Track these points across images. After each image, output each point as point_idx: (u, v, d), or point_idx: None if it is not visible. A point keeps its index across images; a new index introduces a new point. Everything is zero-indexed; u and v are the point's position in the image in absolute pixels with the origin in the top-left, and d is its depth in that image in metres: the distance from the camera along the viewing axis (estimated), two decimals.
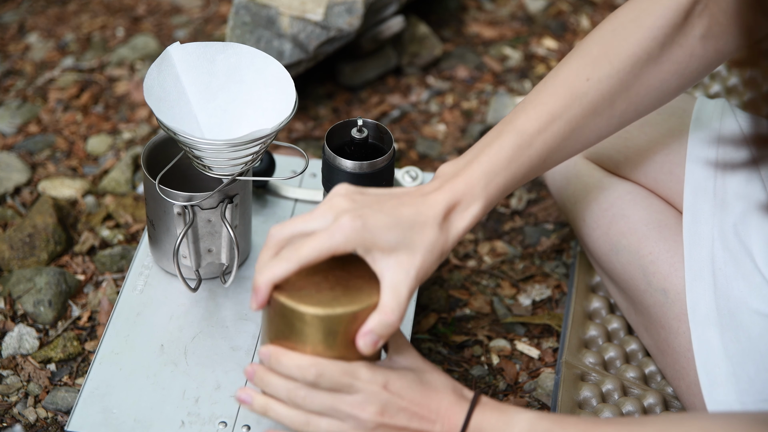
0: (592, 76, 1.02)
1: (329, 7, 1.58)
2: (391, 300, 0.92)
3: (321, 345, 0.93)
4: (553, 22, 1.86)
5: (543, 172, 1.05)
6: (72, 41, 1.79)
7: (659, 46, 1.03)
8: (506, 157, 1.00)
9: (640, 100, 1.05)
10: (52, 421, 1.21)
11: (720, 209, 1.11)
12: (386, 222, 0.93)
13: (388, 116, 1.66)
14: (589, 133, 1.04)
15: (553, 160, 1.04)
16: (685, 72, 1.05)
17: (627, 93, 1.04)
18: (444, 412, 0.93)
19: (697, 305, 1.09)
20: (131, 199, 1.49)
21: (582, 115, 1.03)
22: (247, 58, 1.13)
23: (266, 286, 0.93)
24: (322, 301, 0.93)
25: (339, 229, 0.91)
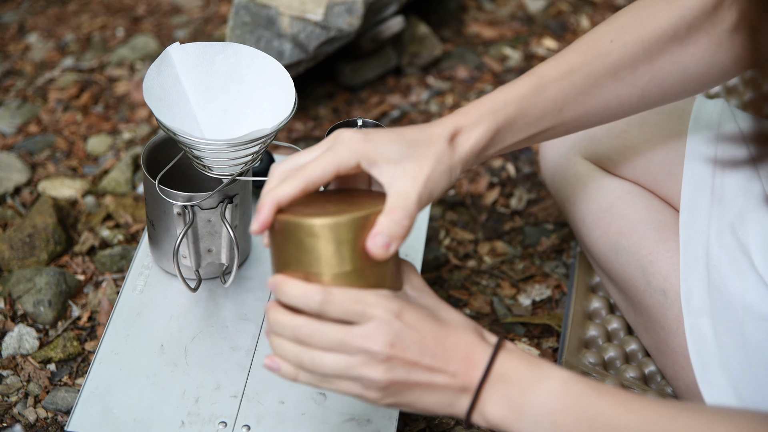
0: (617, 39, 1.02)
1: (329, 7, 1.58)
2: (398, 201, 0.88)
3: (332, 261, 0.88)
4: (553, 22, 1.86)
5: (561, 126, 1.03)
6: (72, 41, 1.79)
7: (686, 27, 1.02)
8: (519, 93, 0.98)
9: (664, 77, 1.04)
10: (52, 421, 1.21)
11: (718, 207, 1.11)
12: (390, 137, 0.91)
13: (388, 116, 1.66)
14: (609, 96, 1.03)
15: (570, 114, 1.02)
16: (712, 61, 1.04)
17: (650, 64, 1.03)
18: (462, 352, 0.85)
19: (691, 296, 1.09)
20: (131, 199, 1.49)
21: (602, 73, 1.02)
22: (246, 59, 1.13)
23: (270, 205, 0.88)
24: (328, 212, 0.88)
25: (341, 144, 0.89)
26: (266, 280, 1.23)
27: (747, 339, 1.05)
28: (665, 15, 1.03)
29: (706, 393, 1.05)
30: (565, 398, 0.83)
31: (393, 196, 0.88)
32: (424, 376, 0.85)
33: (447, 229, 1.47)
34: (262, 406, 1.11)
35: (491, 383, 0.84)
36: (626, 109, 1.06)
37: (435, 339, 0.85)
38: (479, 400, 0.85)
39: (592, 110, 1.03)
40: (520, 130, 0.99)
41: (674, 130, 1.19)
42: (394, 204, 0.88)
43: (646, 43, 1.02)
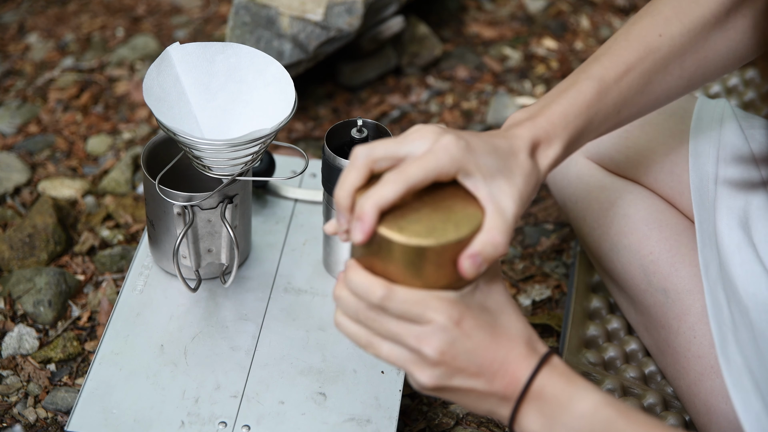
0: (665, 33, 1.02)
1: (329, 7, 1.58)
2: (498, 221, 0.86)
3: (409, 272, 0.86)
4: (553, 22, 1.86)
5: (615, 127, 1.02)
6: (72, 41, 1.79)
7: (726, 11, 1.02)
8: (585, 101, 0.97)
9: (708, 64, 1.04)
10: (52, 421, 1.21)
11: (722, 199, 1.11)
12: (485, 147, 0.88)
13: (388, 116, 1.66)
14: (660, 91, 1.03)
15: (626, 114, 1.02)
16: (748, 42, 1.04)
17: (696, 54, 1.03)
18: (510, 364, 0.86)
19: (708, 266, 1.09)
20: (131, 199, 1.49)
21: (654, 69, 1.01)
22: (246, 59, 1.13)
23: (373, 210, 0.84)
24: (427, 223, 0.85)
25: (444, 149, 0.85)
26: (266, 280, 1.23)
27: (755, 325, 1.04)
28: (705, 1, 1.03)
29: (726, 370, 1.03)
30: (594, 422, 0.84)
31: (493, 215, 0.86)
32: (467, 382, 0.86)
33: None
34: (262, 406, 1.11)
35: (528, 400, 0.85)
36: (671, 99, 1.05)
37: (486, 349, 0.86)
38: (518, 413, 0.86)
39: (645, 107, 1.03)
40: (585, 138, 0.98)
41: (676, 130, 1.19)
42: (494, 224, 0.86)
43: (692, 33, 1.02)
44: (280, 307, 1.21)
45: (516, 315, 0.88)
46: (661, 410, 1.18)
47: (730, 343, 1.05)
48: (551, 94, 0.97)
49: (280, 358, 1.15)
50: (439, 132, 0.87)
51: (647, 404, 1.19)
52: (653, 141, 1.20)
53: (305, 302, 1.21)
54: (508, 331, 0.87)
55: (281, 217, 1.32)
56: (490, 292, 0.89)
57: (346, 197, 0.86)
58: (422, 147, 0.86)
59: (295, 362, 1.15)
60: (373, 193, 0.84)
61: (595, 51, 1.03)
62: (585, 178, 1.25)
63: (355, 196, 0.86)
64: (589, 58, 1.02)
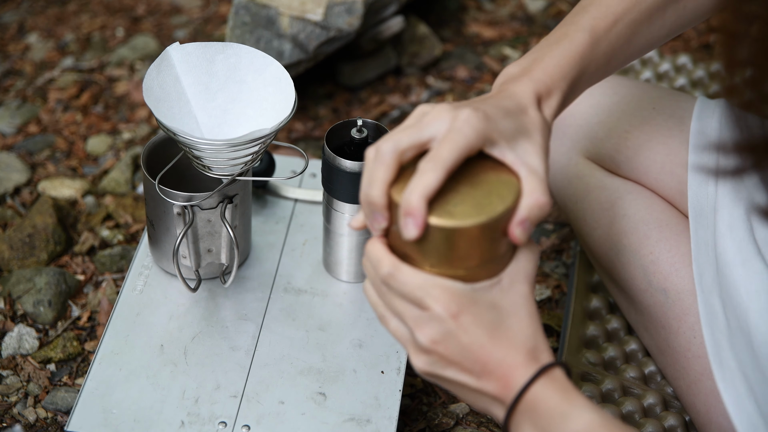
0: None
1: (329, 7, 1.58)
2: (535, 182, 0.85)
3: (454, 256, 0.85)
4: (553, 22, 1.86)
5: (604, 76, 1.02)
6: (72, 41, 1.79)
7: None
8: (578, 52, 0.97)
9: (687, 13, 1.05)
10: (52, 421, 1.21)
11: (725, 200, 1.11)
12: (498, 112, 0.87)
13: (388, 116, 1.66)
14: (643, 41, 1.03)
15: (614, 64, 1.02)
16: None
17: (676, 4, 1.04)
18: (505, 368, 0.85)
19: (702, 274, 1.09)
20: (131, 199, 1.49)
21: (640, 20, 1.02)
22: (246, 59, 1.13)
23: (422, 203, 0.83)
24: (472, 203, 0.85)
25: (466, 123, 0.84)
26: (266, 280, 1.23)
27: (752, 332, 1.04)
28: None
29: (719, 375, 1.04)
30: None
31: (528, 177, 0.86)
32: (460, 376, 0.86)
33: None
34: (262, 406, 1.11)
35: (522, 409, 0.84)
36: (653, 47, 1.06)
37: (482, 348, 0.85)
38: (511, 419, 0.85)
39: (630, 57, 1.03)
40: (579, 89, 0.98)
41: (675, 130, 1.19)
42: (533, 186, 0.86)
43: None
44: (280, 307, 1.21)
45: (528, 320, 0.86)
46: (661, 410, 1.18)
47: (724, 348, 1.05)
48: (542, 46, 0.97)
49: (280, 358, 1.15)
50: (452, 108, 0.86)
51: (647, 404, 1.19)
52: (653, 141, 1.20)
53: (305, 302, 1.21)
54: (512, 335, 0.86)
55: (281, 217, 1.32)
56: (510, 291, 0.87)
57: (381, 195, 0.86)
58: (443, 127, 0.85)
59: (295, 362, 1.15)
60: (417, 185, 0.83)
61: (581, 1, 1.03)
62: (585, 178, 1.25)
63: (389, 192, 0.86)
64: (575, 8, 1.01)
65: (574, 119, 1.27)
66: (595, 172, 1.25)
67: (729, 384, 1.04)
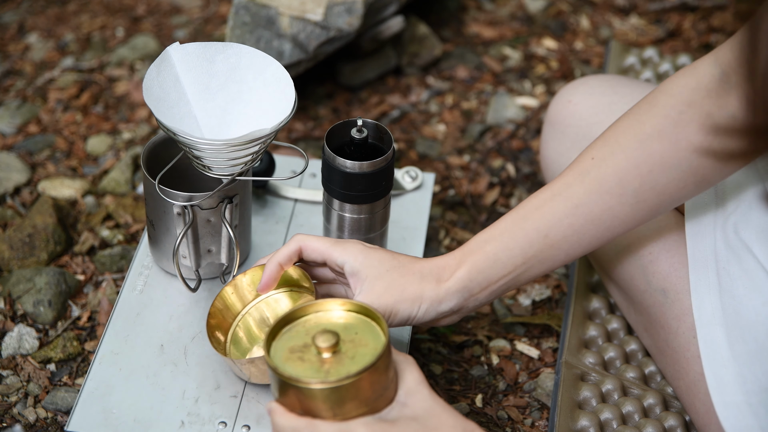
0: (597, 155, 1.04)
1: (329, 7, 1.58)
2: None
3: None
4: (553, 22, 1.86)
5: (558, 254, 1.06)
6: (72, 41, 1.79)
7: (672, 123, 1.02)
8: (500, 228, 1.05)
9: (655, 179, 1.03)
10: (52, 421, 1.21)
11: (721, 209, 1.11)
12: (381, 256, 1.03)
13: (387, 116, 1.66)
14: (600, 213, 1.04)
15: (563, 240, 1.05)
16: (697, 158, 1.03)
17: (637, 169, 1.03)
18: None
19: (702, 305, 1.09)
20: (131, 199, 1.49)
21: (585, 192, 1.04)
22: (246, 59, 1.13)
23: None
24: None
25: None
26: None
27: (761, 344, 1.04)
28: (647, 117, 1.03)
29: (722, 414, 1.05)
30: None
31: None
32: None
33: (447, 229, 1.47)
34: (262, 406, 1.11)
35: None
36: (627, 222, 1.06)
37: None
38: None
39: (586, 231, 1.05)
40: (509, 261, 1.05)
41: None
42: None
43: (628, 150, 1.03)
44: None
45: (446, 413, 0.93)
46: (661, 410, 1.18)
47: (728, 388, 1.05)
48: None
49: None
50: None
51: (647, 404, 1.19)
52: None
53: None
54: (440, 431, 0.91)
55: (281, 217, 1.32)
56: (415, 401, 0.93)
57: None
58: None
59: None
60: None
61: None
62: None
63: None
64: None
65: (573, 119, 1.27)
66: None
67: (734, 423, 1.04)
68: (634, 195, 1.04)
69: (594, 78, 1.32)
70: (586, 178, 1.04)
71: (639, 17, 1.88)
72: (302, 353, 0.94)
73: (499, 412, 1.23)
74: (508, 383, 1.27)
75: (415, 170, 1.38)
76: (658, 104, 1.03)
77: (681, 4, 1.89)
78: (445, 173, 1.56)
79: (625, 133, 1.04)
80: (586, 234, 1.05)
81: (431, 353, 1.30)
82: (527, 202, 1.06)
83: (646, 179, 1.03)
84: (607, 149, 1.04)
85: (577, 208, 1.04)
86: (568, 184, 1.04)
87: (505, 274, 1.06)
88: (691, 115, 1.01)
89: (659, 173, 1.03)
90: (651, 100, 1.04)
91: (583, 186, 1.04)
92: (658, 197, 1.05)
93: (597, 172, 1.04)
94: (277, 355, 0.94)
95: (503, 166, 1.58)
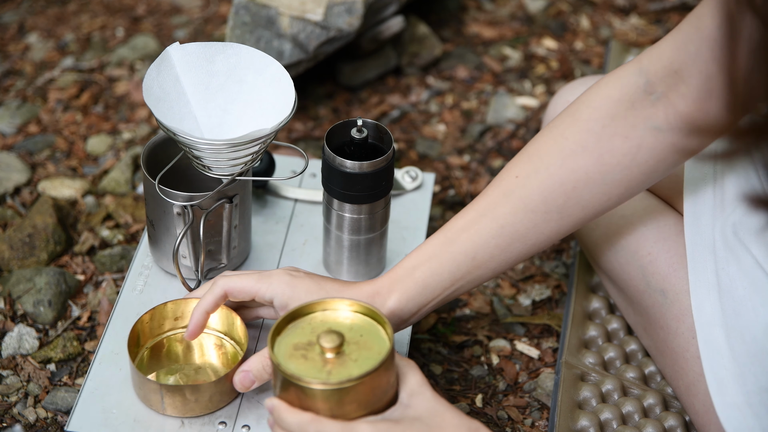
0: (521, 173, 1.04)
1: (329, 7, 1.58)
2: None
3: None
4: (553, 22, 1.86)
5: (486, 274, 1.06)
6: (72, 41, 1.79)
7: (595, 138, 1.01)
8: (427, 253, 1.05)
9: (580, 194, 1.03)
10: (52, 421, 1.21)
11: (720, 209, 1.11)
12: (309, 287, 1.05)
13: (387, 116, 1.66)
14: (525, 231, 1.05)
15: (489, 260, 1.05)
16: (632, 164, 1.02)
17: (561, 187, 1.03)
18: None
19: (701, 306, 1.08)
20: (131, 199, 1.49)
21: (511, 211, 1.04)
22: (246, 58, 1.13)
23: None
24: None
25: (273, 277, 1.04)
26: None
27: (760, 344, 1.04)
28: (569, 132, 1.02)
29: (723, 415, 1.05)
30: None
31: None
32: None
33: None
34: (262, 406, 1.11)
35: None
36: (551, 236, 1.06)
37: None
38: None
39: (512, 249, 1.06)
40: (438, 285, 1.05)
41: None
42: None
43: (552, 168, 1.03)
44: None
45: (449, 412, 0.93)
46: (661, 410, 1.18)
47: (729, 390, 1.04)
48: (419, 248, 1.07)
49: None
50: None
51: (647, 404, 1.19)
52: None
53: None
54: (444, 429, 0.92)
55: (281, 217, 1.32)
56: (418, 402, 0.94)
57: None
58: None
59: None
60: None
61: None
62: None
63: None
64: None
65: None
66: None
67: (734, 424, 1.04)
68: (559, 212, 1.04)
69: (594, 78, 1.32)
70: (510, 198, 1.04)
71: (639, 17, 1.88)
72: (306, 351, 0.95)
73: (499, 412, 1.23)
74: (508, 383, 1.27)
75: (415, 170, 1.38)
76: (581, 118, 1.02)
77: (681, 4, 1.89)
78: (445, 173, 1.56)
79: (548, 148, 1.03)
80: (513, 252, 1.06)
81: (431, 353, 1.30)
82: (453, 223, 1.06)
83: (571, 195, 1.03)
84: (530, 167, 1.03)
85: (503, 228, 1.04)
86: (493, 204, 1.04)
87: (434, 298, 1.07)
88: (615, 129, 1.01)
89: (583, 189, 1.03)
90: (573, 113, 1.03)
91: (508, 206, 1.04)
92: (583, 211, 1.05)
93: (521, 192, 1.03)
94: (281, 351, 0.95)
95: (503, 166, 1.58)
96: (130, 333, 1.10)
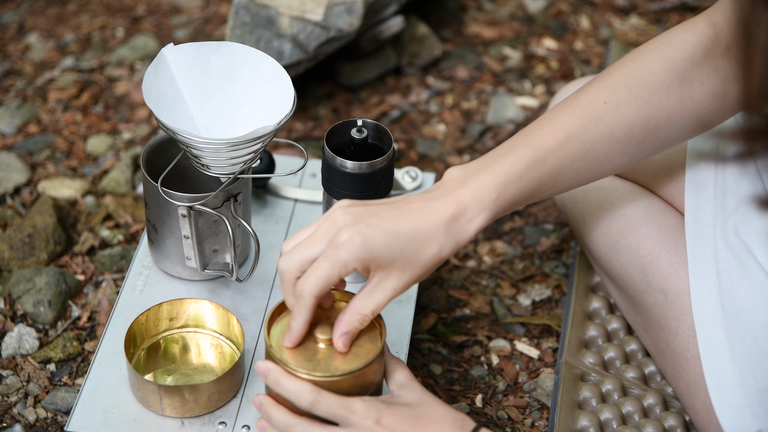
0: (610, 100, 1.02)
1: (329, 7, 1.58)
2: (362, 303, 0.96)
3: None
4: (553, 22, 1.86)
5: (553, 192, 1.04)
6: (72, 41, 1.79)
7: (679, 79, 1.02)
8: (519, 170, 0.99)
9: (658, 133, 1.04)
10: (52, 421, 1.21)
11: (721, 209, 1.11)
12: (385, 239, 0.94)
13: (387, 116, 1.66)
14: (603, 159, 1.04)
15: (564, 181, 1.03)
16: (706, 111, 1.04)
17: (645, 123, 1.03)
18: None
19: (702, 306, 1.09)
20: (131, 199, 1.49)
21: (598, 137, 1.02)
22: (240, 57, 1.13)
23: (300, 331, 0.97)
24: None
25: (336, 252, 0.93)
26: (266, 280, 1.23)
27: (760, 345, 1.04)
28: (656, 68, 1.02)
29: (722, 416, 1.05)
30: None
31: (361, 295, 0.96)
32: None
33: None
34: None
35: None
36: (620, 167, 1.06)
37: None
38: None
39: (587, 174, 1.04)
40: (515, 204, 1.01)
41: None
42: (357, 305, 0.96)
43: (639, 101, 1.02)
44: None
45: (437, 404, 0.96)
46: (661, 410, 1.18)
47: (729, 391, 1.05)
48: (490, 157, 1.00)
49: None
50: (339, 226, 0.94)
51: (647, 404, 1.19)
52: None
53: None
54: (434, 418, 0.94)
55: (281, 217, 1.32)
56: (407, 392, 0.97)
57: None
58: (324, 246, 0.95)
59: None
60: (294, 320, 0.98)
61: (545, 112, 1.04)
62: None
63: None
64: (535, 121, 1.03)
65: None
66: None
67: (734, 426, 1.04)
68: (636, 146, 1.04)
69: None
70: (600, 124, 1.02)
71: (639, 17, 1.88)
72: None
73: (499, 412, 1.23)
74: (508, 383, 1.27)
75: (415, 170, 1.38)
76: (664, 56, 1.03)
77: (681, 4, 1.89)
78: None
79: (635, 81, 1.03)
80: (583, 177, 1.05)
81: (431, 353, 1.30)
82: (542, 140, 1.01)
83: (651, 132, 1.04)
84: (620, 96, 1.02)
85: (588, 153, 1.02)
86: (582, 127, 1.02)
87: (514, 209, 1.03)
88: (694, 73, 1.02)
89: (663, 128, 1.04)
90: (655, 50, 1.03)
91: (597, 131, 1.02)
92: (654, 149, 1.06)
93: (610, 119, 1.02)
94: (276, 336, 0.99)
95: None
96: (126, 334, 1.10)
